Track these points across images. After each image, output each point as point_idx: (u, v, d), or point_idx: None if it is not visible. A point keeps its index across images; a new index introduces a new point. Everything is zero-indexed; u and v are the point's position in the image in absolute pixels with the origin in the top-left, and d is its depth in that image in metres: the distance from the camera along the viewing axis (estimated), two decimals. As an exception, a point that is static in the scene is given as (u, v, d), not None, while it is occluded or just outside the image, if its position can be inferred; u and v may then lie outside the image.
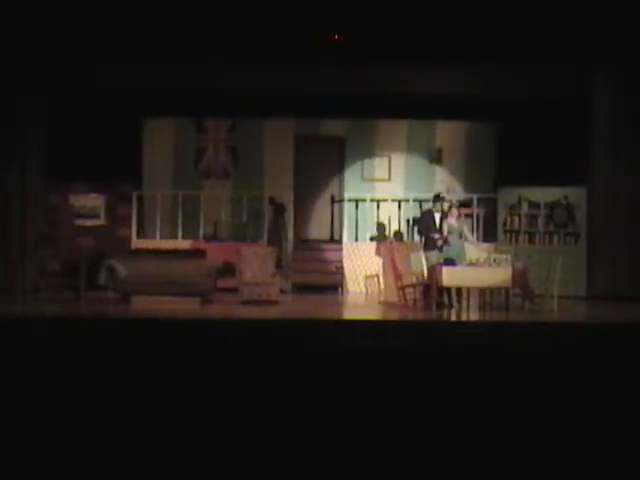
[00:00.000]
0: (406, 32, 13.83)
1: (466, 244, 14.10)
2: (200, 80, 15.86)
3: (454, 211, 14.08)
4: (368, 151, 17.98)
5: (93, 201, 16.86)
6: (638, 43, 14.06)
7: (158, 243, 16.37)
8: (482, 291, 13.70)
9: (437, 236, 13.95)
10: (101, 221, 16.86)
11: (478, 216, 16.95)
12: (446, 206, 14.44)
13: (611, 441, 5.86)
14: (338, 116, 17.53)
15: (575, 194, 16.18)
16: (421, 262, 14.43)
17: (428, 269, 13.77)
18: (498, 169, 17.61)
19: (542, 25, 13.68)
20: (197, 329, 10.99)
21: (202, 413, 6.42)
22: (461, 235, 14.02)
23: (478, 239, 15.33)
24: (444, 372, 7.59)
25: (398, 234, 17.35)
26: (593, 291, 15.66)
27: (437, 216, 14.20)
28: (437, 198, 14.55)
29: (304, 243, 17.44)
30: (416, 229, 15.83)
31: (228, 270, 14.54)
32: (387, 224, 17.56)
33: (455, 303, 13.86)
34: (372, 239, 17.34)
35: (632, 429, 6.12)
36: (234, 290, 14.31)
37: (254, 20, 13.46)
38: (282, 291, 14.77)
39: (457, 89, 16.29)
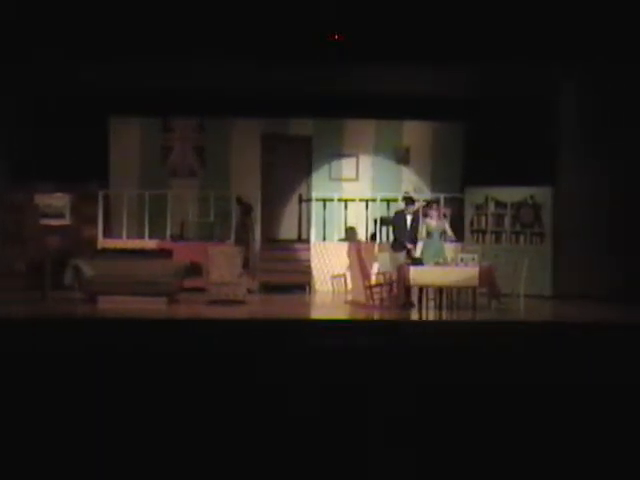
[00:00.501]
0: (373, 32, 13.84)
1: (446, 245, 14.21)
2: (166, 79, 15.80)
3: (433, 212, 14.14)
4: (336, 151, 18.00)
5: (59, 200, 16.74)
6: (604, 42, 14.16)
7: (124, 243, 16.29)
8: (449, 290, 13.75)
9: (410, 246, 14.02)
10: (67, 221, 16.74)
11: (445, 215, 16.95)
12: (419, 205, 14.51)
13: (576, 440, 5.89)
14: (306, 116, 17.56)
15: (541, 194, 16.28)
16: (388, 262, 14.47)
17: (397, 268, 13.81)
18: (465, 169, 17.70)
19: (509, 25, 13.73)
20: (164, 329, 10.93)
21: (169, 413, 6.38)
22: (442, 235, 14.07)
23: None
24: (410, 372, 7.63)
25: (372, 237, 17.44)
26: (559, 290, 15.77)
27: (409, 218, 14.25)
28: (409, 201, 14.59)
29: (272, 243, 17.42)
30: (391, 230, 15.88)
31: (195, 270, 14.46)
32: (355, 224, 17.57)
33: (423, 302, 13.89)
34: (342, 240, 17.38)
35: (598, 427, 6.14)
36: (201, 290, 14.27)
37: (220, 18, 13.41)
38: (249, 291, 14.75)
39: (424, 89, 16.35)
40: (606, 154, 15.42)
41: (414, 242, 14.18)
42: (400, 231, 14.24)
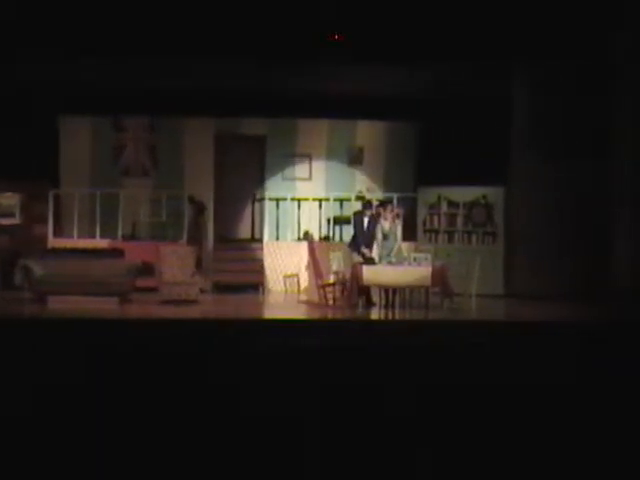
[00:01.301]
0: (326, 31, 13.85)
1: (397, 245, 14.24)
2: (117, 78, 15.68)
3: (388, 214, 14.17)
4: (289, 150, 17.99)
5: (8, 200, 16.56)
6: (555, 42, 14.29)
7: (75, 242, 16.11)
8: (402, 290, 13.81)
9: (366, 251, 14.06)
10: (16, 220, 16.56)
11: (398, 215, 17.00)
12: (372, 207, 14.55)
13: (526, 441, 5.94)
14: (259, 115, 17.53)
15: (493, 194, 16.39)
16: (341, 261, 14.51)
17: (350, 268, 13.86)
18: (419, 169, 17.78)
19: (462, 24, 13.81)
20: (115, 329, 10.86)
21: (118, 414, 6.34)
22: (396, 235, 14.16)
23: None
24: (360, 371, 7.66)
25: (325, 237, 17.47)
26: (510, 290, 15.86)
27: (366, 220, 14.30)
28: (368, 204, 14.65)
29: (225, 242, 17.35)
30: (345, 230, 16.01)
31: (147, 269, 14.38)
32: (309, 224, 17.57)
33: (377, 301, 13.96)
34: (296, 240, 17.40)
35: (544, 429, 6.19)
36: (153, 290, 14.21)
37: (173, 15, 13.32)
38: (202, 290, 14.69)
39: (378, 88, 16.37)
40: (557, 155, 15.55)
41: (370, 245, 14.24)
42: (358, 233, 14.31)
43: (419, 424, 6.19)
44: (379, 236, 14.06)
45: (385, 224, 14.10)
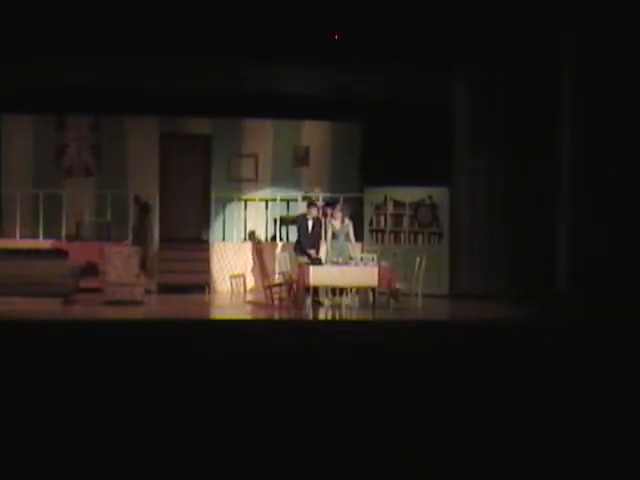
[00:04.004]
0: (272, 30, 13.84)
1: (349, 244, 14.26)
2: (60, 76, 15.45)
3: (338, 213, 14.17)
4: (235, 150, 17.93)
5: (-52, 199, 16.38)
6: (494, 43, 14.35)
7: (18, 242, 15.89)
8: (347, 290, 13.87)
9: (312, 252, 14.08)
10: (-43, 220, 16.38)
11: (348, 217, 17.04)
12: (317, 207, 14.61)
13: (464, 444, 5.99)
14: (204, 114, 17.43)
15: (439, 194, 16.48)
16: (287, 262, 14.53)
17: (297, 268, 13.88)
18: (365, 169, 17.81)
19: (405, 26, 13.87)
20: (59, 330, 10.74)
21: (59, 418, 6.27)
22: (346, 236, 14.15)
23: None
24: (306, 371, 7.70)
25: (272, 237, 17.45)
26: (456, 290, 15.96)
27: (310, 222, 14.35)
28: (311, 204, 14.68)
29: (170, 243, 17.21)
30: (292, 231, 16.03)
31: (91, 270, 14.30)
32: (255, 224, 17.56)
33: (325, 301, 14.00)
34: (242, 240, 17.35)
35: (492, 430, 6.22)
36: (98, 290, 14.09)
37: (114, 13, 13.19)
38: (147, 291, 14.62)
39: (322, 89, 16.36)
40: (500, 155, 15.68)
41: (315, 247, 14.27)
42: (302, 236, 14.35)
43: (356, 425, 6.16)
44: (328, 236, 14.08)
45: (335, 223, 14.13)
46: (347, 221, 14.34)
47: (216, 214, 17.54)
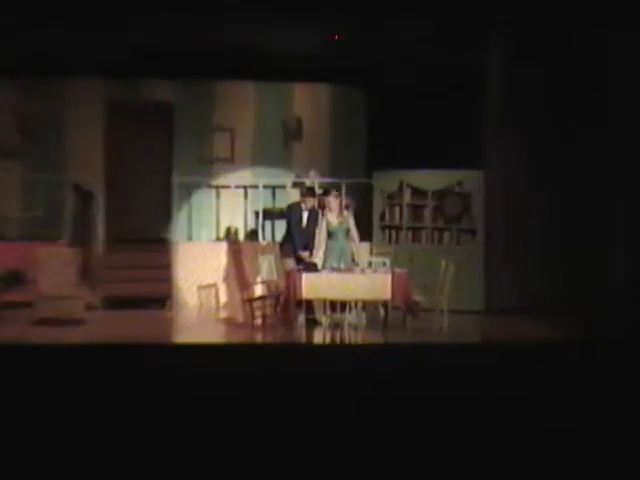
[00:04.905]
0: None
1: (352, 245, 14.28)
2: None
3: (333, 202, 14.13)
4: (205, 122, 17.98)
5: None
6: (539, 8, 14.62)
7: None
8: (351, 304, 13.80)
9: (305, 254, 14.21)
10: None
11: (347, 207, 17.01)
12: (314, 196, 14.68)
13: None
14: (165, 76, 17.44)
15: (471, 179, 16.44)
16: (273, 267, 14.55)
17: (285, 276, 13.91)
18: (374, 147, 17.86)
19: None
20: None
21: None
22: (347, 233, 14.18)
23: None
24: (298, 415, 7.83)
25: (252, 235, 17.59)
26: (493, 303, 16.00)
27: (305, 214, 14.44)
28: (308, 191, 14.77)
29: (120, 243, 17.15)
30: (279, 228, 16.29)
31: (18, 279, 14.42)
32: (231, 218, 17.67)
33: (322, 319, 14.04)
34: (214, 240, 17.42)
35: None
36: (26, 305, 14.15)
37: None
38: (89, 307, 14.68)
39: (320, 45, 16.40)
40: (542, 135, 15.91)
41: (309, 247, 14.34)
42: (294, 231, 14.43)
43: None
44: (323, 234, 14.08)
45: (331, 217, 14.12)
46: (346, 213, 14.33)
47: (180, 206, 17.62)
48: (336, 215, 14.12)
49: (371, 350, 12.50)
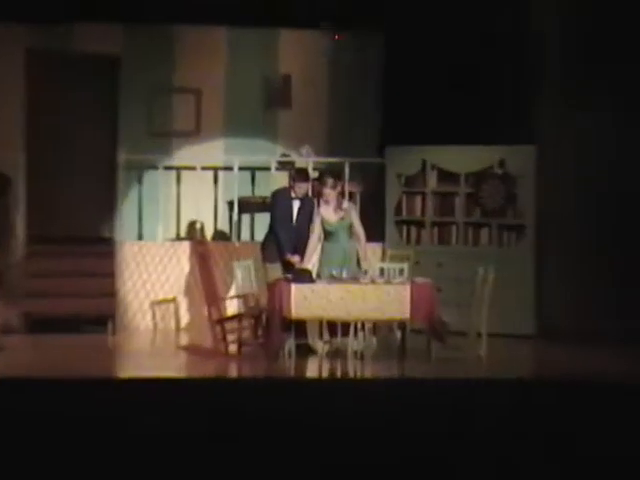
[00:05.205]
0: None
1: (357, 246, 14.39)
2: None
3: (329, 191, 14.19)
4: (162, 81, 18.00)
5: None
6: None
7: None
8: (355, 326, 13.87)
9: (296, 258, 14.30)
10: None
11: (351, 195, 17.12)
12: (308, 181, 14.80)
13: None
14: (107, 19, 17.38)
15: (519, 157, 16.48)
16: (252, 276, 14.57)
17: (269, 287, 13.99)
18: (387, 116, 17.92)
19: None
20: None
21: None
22: (350, 231, 14.25)
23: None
24: (280, 464, 8.03)
25: (224, 233, 17.72)
26: (546, 325, 16.06)
27: (296, 204, 14.51)
28: (300, 174, 14.80)
29: (46, 244, 17.11)
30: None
31: None
32: (196, 210, 17.66)
33: (318, 346, 14.13)
34: (174, 239, 17.47)
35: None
36: None
37: None
38: (4, 329, 14.78)
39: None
40: (613, 102, 15.96)
41: (300, 249, 14.41)
42: (280, 228, 14.48)
43: None
44: (317, 231, 14.24)
45: (327, 211, 14.22)
46: (347, 205, 14.43)
47: (127, 194, 17.69)
48: (334, 208, 14.22)
49: (383, 387, 12.46)
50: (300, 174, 14.83)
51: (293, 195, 14.55)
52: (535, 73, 16.40)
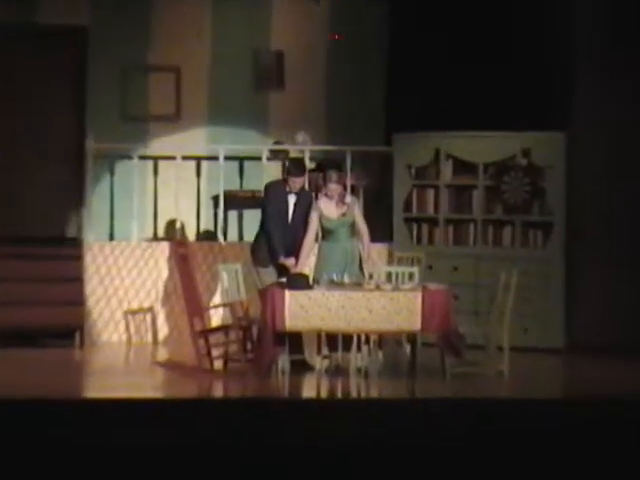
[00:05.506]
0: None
1: (360, 247, 14.43)
2: None
3: (335, 186, 14.22)
4: (137, 58, 18.13)
5: None
6: None
7: None
8: (358, 336, 13.93)
9: (287, 261, 14.35)
10: None
11: (354, 189, 17.07)
12: (304, 172, 14.79)
13: None
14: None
15: (547, 146, 16.48)
16: (239, 281, 14.53)
17: (260, 295, 14.06)
18: (394, 97, 18.01)
19: None
20: None
21: None
22: (351, 229, 14.29)
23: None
24: None
25: (208, 232, 17.79)
26: (578, 337, 16.06)
27: (292, 199, 14.54)
28: (296, 166, 14.78)
29: (3, 245, 17.09)
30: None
31: None
32: (175, 206, 17.53)
33: (316, 361, 14.14)
34: (150, 239, 17.56)
35: None
36: None
37: None
38: None
39: None
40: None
41: (297, 249, 14.44)
42: (273, 226, 14.52)
43: None
44: (313, 230, 14.29)
45: (328, 205, 14.24)
46: (350, 199, 14.42)
47: (97, 187, 17.71)
48: (335, 203, 14.22)
49: (390, 409, 12.27)
50: (296, 165, 14.81)
51: (288, 190, 14.51)
52: (566, 49, 16.42)
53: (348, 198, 14.37)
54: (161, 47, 18.15)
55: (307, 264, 14.30)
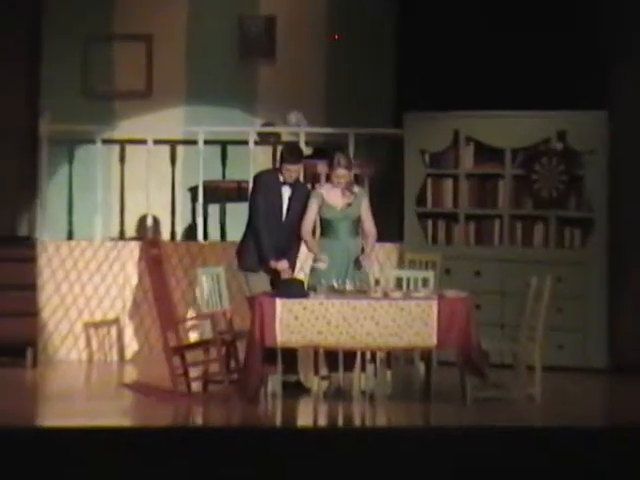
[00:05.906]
0: None
1: (364, 245, 14.47)
2: None
3: (343, 172, 14.22)
4: (99, 26, 18.16)
5: None
6: None
7: None
8: (362, 354, 13.98)
9: (283, 264, 14.40)
10: None
11: (357, 178, 17.00)
12: (300, 159, 14.78)
13: None
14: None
15: (586, 128, 16.46)
16: (222, 288, 14.64)
17: (249, 303, 14.13)
18: (408, 71, 18.01)
19: None
20: None
21: None
22: (355, 225, 14.34)
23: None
24: None
25: (186, 230, 17.88)
26: (623, 356, 16.10)
27: (286, 192, 14.57)
28: (292, 153, 14.81)
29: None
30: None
31: None
32: (147, 199, 17.57)
33: (314, 382, 14.13)
34: (116, 238, 17.58)
35: None
36: None
37: None
38: None
39: None
40: None
41: (293, 250, 14.57)
42: (262, 224, 14.53)
43: None
44: (308, 226, 14.36)
45: (333, 194, 14.30)
46: (357, 190, 14.46)
47: (54, 176, 17.86)
48: (340, 194, 14.25)
49: (401, 439, 12.27)
50: (291, 151, 14.80)
51: (281, 180, 14.51)
52: (609, 19, 16.44)
53: (356, 188, 14.38)
54: (129, 11, 18.20)
55: (316, 245, 14.27)
